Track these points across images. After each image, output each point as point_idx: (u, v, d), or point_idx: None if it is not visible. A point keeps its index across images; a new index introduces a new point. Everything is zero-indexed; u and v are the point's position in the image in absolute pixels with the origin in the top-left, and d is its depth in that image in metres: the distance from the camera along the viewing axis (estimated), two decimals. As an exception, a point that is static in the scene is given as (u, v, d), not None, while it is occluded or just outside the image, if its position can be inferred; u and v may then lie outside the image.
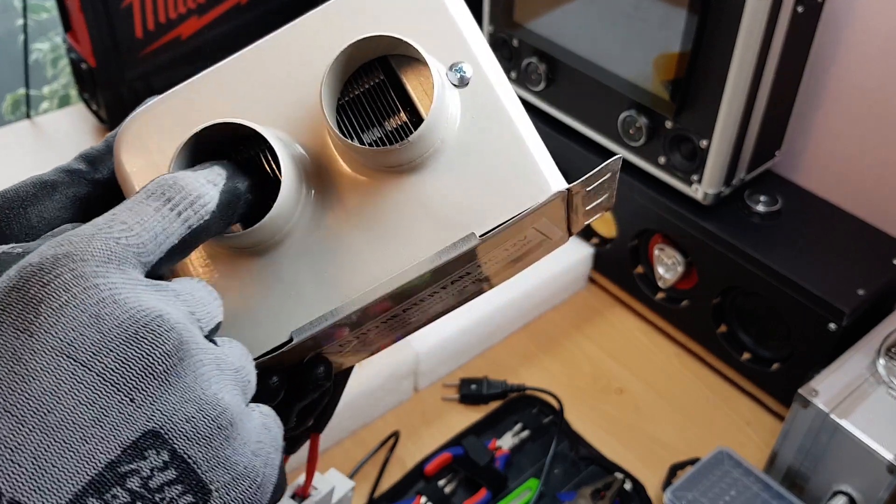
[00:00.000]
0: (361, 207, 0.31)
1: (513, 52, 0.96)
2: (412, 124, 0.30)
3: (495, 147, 0.30)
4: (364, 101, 0.30)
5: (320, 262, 0.31)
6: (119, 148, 0.32)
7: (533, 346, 0.94)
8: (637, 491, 0.79)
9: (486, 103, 0.30)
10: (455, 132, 0.30)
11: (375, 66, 0.31)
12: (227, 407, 0.24)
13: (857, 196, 0.88)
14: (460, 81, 0.30)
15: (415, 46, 0.29)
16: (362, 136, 0.30)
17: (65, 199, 0.31)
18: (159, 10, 1.13)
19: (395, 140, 0.30)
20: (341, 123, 0.30)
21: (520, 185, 0.30)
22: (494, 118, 0.30)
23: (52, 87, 1.62)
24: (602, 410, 0.87)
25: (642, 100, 0.83)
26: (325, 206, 0.31)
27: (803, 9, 0.74)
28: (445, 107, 0.30)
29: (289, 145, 0.30)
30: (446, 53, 0.31)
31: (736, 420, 0.86)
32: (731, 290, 0.85)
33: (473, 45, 0.31)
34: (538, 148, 0.31)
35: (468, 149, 0.30)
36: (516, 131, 0.30)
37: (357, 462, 0.80)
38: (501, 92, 0.31)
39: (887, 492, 0.67)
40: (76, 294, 0.22)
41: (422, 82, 0.30)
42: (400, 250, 0.31)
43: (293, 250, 0.31)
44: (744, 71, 0.74)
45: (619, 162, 0.33)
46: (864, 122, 0.86)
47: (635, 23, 0.80)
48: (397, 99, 0.30)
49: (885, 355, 0.73)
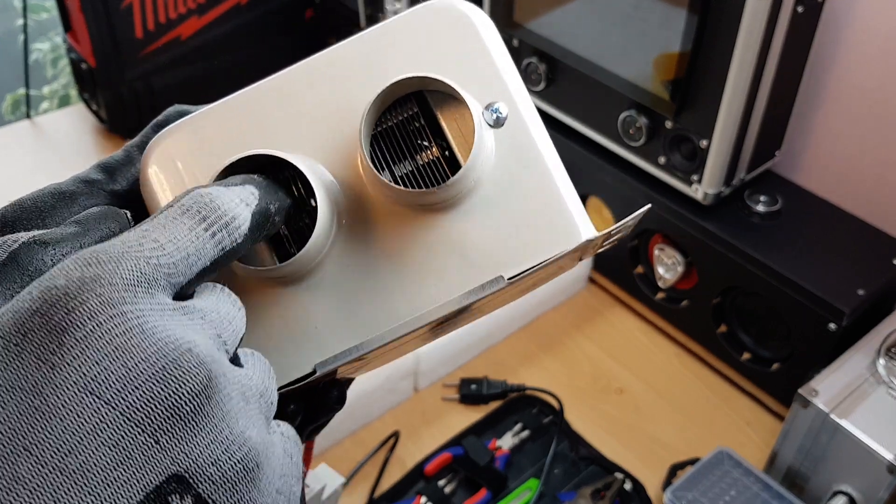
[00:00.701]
0: (391, 242, 0.31)
1: (513, 52, 0.96)
2: (444, 160, 0.30)
3: (528, 190, 0.30)
4: (397, 133, 0.30)
5: (347, 296, 0.31)
6: (147, 163, 0.31)
7: (533, 346, 0.94)
8: (637, 491, 0.79)
9: (521, 145, 0.30)
10: (489, 172, 0.30)
11: (410, 98, 0.30)
12: (254, 446, 0.23)
13: (857, 196, 0.88)
14: (496, 122, 0.30)
15: (456, 89, 0.29)
16: (393, 168, 0.30)
17: (81, 210, 0.30)
18: (159, 10, 1.13)
19: (425, 174, 0.30)
20: (373, 154, 0.30)
21: (551, 230, 0.30)
22: (528, 161, 0.30)
23: (52, 87, 1.62)
24: (602, 410, 0.87)
25: (642, 100, 0.83)
26: (355, 239, 0.31)
27: (803, 9, 0.74)
28: (483, 150, 0.29)
29: (322, 176, 0.30)
30: (483, 91, 0.30)
31: (736, 420, 0.86)
32: (731, 290, 0.85)
33: (510, 83, 0.31)
34: (570, 193, 0.31)
35: (501, 190, 0.30)
36: (549, 176, 0.30)
37: (357, 462, 0.80)
38: (536, 134, 0.31)
39: (887, 492, 0.67)
40: (102, 322, 0.21)
41: (456, 119, 0.30)
42: (428, 288, 0.31)
43: (320, 281, 0.31)
44: (744, 71, 0.74)
45: (647, 209, 0.34)
46: (865, 122, 0.86)
47: (635, 23, 0.80)
48: (431, 132, 0.30)
49: (885, 355, 0.73)
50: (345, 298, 0.31)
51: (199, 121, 0.31)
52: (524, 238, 0.30)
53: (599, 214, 0.96)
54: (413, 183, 0.30)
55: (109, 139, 1.21)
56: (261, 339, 0.31)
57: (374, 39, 0.31)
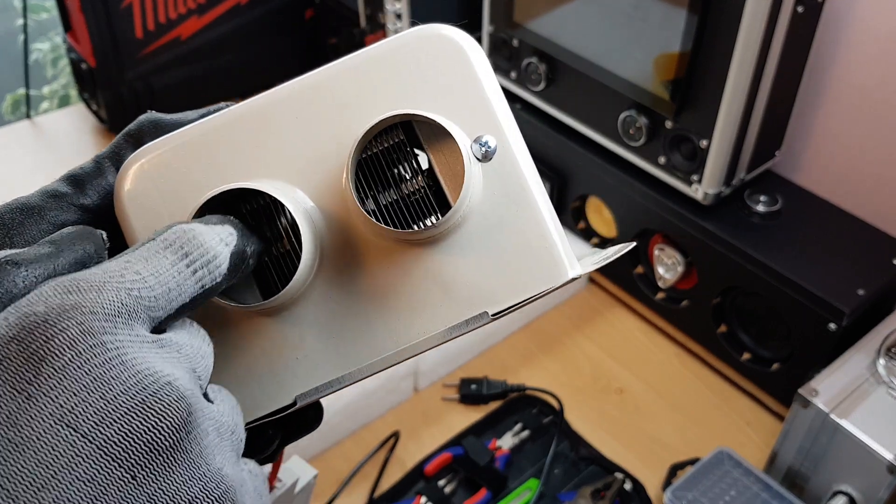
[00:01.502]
0: (375, 275, 0.30)
1: (513, 52, 0.96)
2: (430, 191, 0.29)
3: (514, 225, 0.30)
4: (382, 161, 0.29)
5: (330, 327, 0.31)
6: (122, 184, 0.30)
7: (533, 346, 0.94)
8: (637, 491, 0.79)
9: (509, 179, 0.30)
10: (475, 206, 0.30)
11: (396, 126, 0.30)
12: (230, 484, 0.23)
13: (857, 196, 0.88)
14: (484, 156, 0.29)
15: (444, 126, 0.28)
16: (378, 196, 0.29)
17: (52, 228, 0.29)
18: (159, 10, 1.13)
19: (411, 206, 0.29)
20: (357, 181, 0.29)
21: (537, 267, 0.30)
22: (516, 195, 0.30)
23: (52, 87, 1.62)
24: (602, 410, 0.87)
25: (642, 100, 0.83)
26: (338, 270, 0.30)
27: (803, 9, 0.74)
28: (471, 187, 0.29)
29: (303, 204, 0.30)
30: (472, 122, 0.30)
31: (736, 420, 0.86)
32: (731, 290, 0.85)
33: (500, 115, 0.30)
34: (556, 229, 0.30)
35: (487, 224, 0.30)
36: (537, 211, 0.30)
37: (357, 462, 0.80)
38: (524, 167, 0.30)
39: (887, 492, 0.67)
40: (81, 352, 0.20)
41: (443, 149, 0.29)
42: (412, 322, 0.30)
43: (303, 312, 0.31)
44: (744, 71, 0.74)
45: (633, 247, 0.34)
46: (865, 122, 0.86)
47: (635, 23, 0.80)
48: (417, 162, 0.30)
49: (885, 355, 0.73)
50: (327, 330, 0.30)
51: (177, 142, 0.30)
52: (510, 274, 0.30)
53: (599, 214, 0.96)
54: (398, 214, 0.29)
55: (109, 139, 1.21)
56: (241, 369, 0.30)
57: (362, 67, 0.30)
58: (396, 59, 0.30)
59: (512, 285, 0.30)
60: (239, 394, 0.30)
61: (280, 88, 0.30)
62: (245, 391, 0.30)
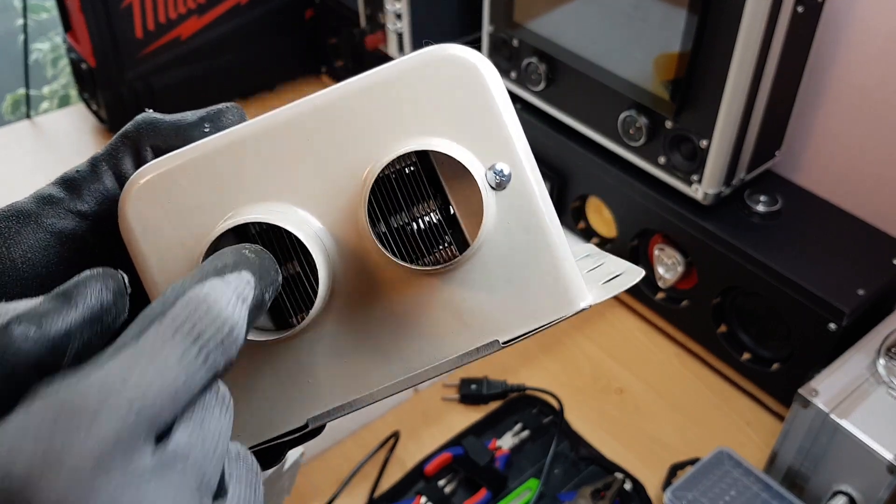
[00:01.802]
0: (388, 302, 0.30)
1: (513, 52, 0.96)
2: (444, 218, 0.29)
3: (527, 255, 0.30)
4: (394, 184, 0.29)
5: (342, 354, 0.31)
6: (126, 202, 0.29)
7: (533, 346, 0.94)
8: (637, 491, 0.79)
9: (523, 208, 0.29)
10: (489, 235, 0.29)
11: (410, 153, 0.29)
12: None
13: (857, 196, 0.88)
14: (499, 185, 0.29)
15: (465, 165, 0.28)
16: (389, 220, 0.29)
17: (48, 235, 0.28)
18: (159, 10, 1.13)
19: (424, 234, 0.29)
20: (369, 205, 0.29)
21: (548, 297, 0.30)
22: (529, 225, 0.30)
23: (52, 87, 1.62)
24: (602, 410, 0.87)
25: (642, 100, 0.83)
26: (351, 297, 0.30)
27: (803, 9, 0.74)
28: (488, 222, 0.29)
29: (316, 231, 0.29)
30: (487, 150, 0.29)
31: (736, 420, 0.86)
32: (731, 290, 0.85)
33: (516, 142, 0.29)
34: (567, 258, 0.30)
35: (500, 254, 0.30)
36: (550, 241, 0.30)
37: (357, 462, 0.80)
38: (539, 196, 0.30)
39: (887, 492, 0.67)
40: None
41: (457, 178, 0.29)
42: (423, 348, 0.30)
43: (315, 337, 0.30)
44: (744, 71, 0.74)
45: (641, 277, 0.34)
46: (865, 121, 0.86)
47: (635, 23, 0.80)
48: (430, 187, 0.29)
49: (885, 355, 0.73)
50: (340, 355, 0.31)
51: (184, 159, 0.30)
52: (522, 303, 0.30)
53: (599, 215, 0.96)
54: (412, 243, 0.29)
55: (109, 139, 1.21)
56: (253, 393, 0.30)
57: (375, 90, 0.29)
58: (410, 83, 0.29)
59: (524, 314, 0.30)
60: (250, 416, 0.30)
61: (290, 108, 0.30)
62: (257, 414, 0.30)
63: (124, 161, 0.30)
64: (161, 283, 0.30)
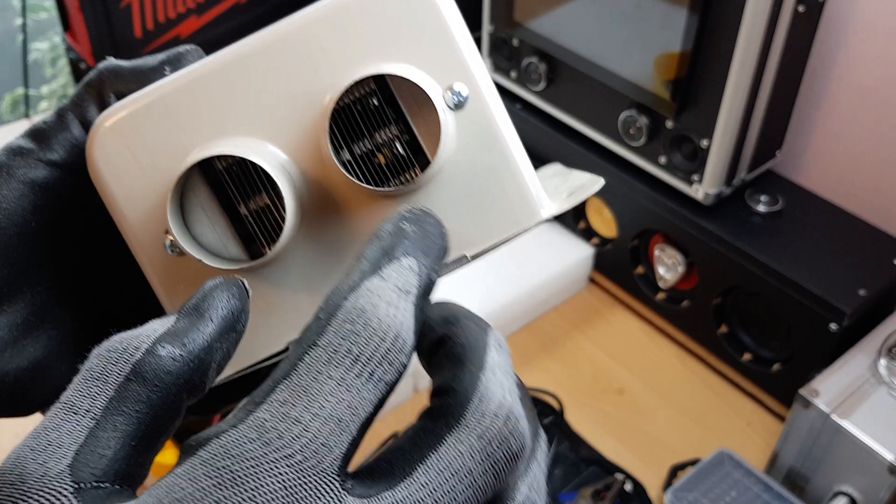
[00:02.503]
0: (355, 227, 0.31)
1: (513, 52, 0.96)
2: (401, 138, 0.30)
3: (488, 171, 0.30)
4: (354, 111, 0.30)
5: (315, 280, 0.31)
6: (92, 146, 0.30)
7: (533, 346, 0.93)
8: (638, 492, 0.78)
9: (482, 127, 0.30)
10: (450, 156, 0.30)
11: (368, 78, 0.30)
12: None
13: (858, 196, 0.88)
14: (457, 106, 0.30)
15: (421, 87, 0.29)
16: (352, 147, 0.30)
17: (21, 185, 0.29)
18: (158, 9, 1.12)
19: (386, 158, 0.30)
20: (331, 133, 0.29)
21: (512, 211, 0.31)
22: (489, 143, 0.30)
23: (51, 87, 1.62)
24: (602, 411, 0.87)
25: (643, 99, 0.83)
26: (319, 224, 0.31)
27: (804, 8, 0.74)
28: (447, 142, 0.29)
29: (281, 162, 0.30)
30: (443, 72, 0.30)
31: (737, 421, 0.86)
32: (732, 291, 0.85)
33: (472, 64, 0.30)
34: (529, 172, 0.31)
35: (461, 172, 0.30)
36: (510, 156, 0.30)
37: (357, 463, 0.80)
38: (496, 114, 0.30)
39: (888, 492, 0.67)
40: None
41: (416, 100, 0.30)
42: None
43: (289, 265, 0.31)
44: (744, 70, 0.74)
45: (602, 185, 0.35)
46: (866, 121, 0.86)
47: (636, 22, 0.80)
48: (390, 111, 0.30)
49: (886, 356, 0.73)
50: (313, 281, 0.31)
51: (147, 100, 0.30)
52: (486, 219, 0.31)
53: (599, 214, 0.96)
54: (375, 168, 0.30)
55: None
56: None
57: (331, 16, 0.30)
58: (363, 8, 0.30)
59: (488, 229, 0.31)
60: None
61: (247, 41, 0.30)
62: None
63: (90, 109, 0.31)
64: (134, 224, 0.30)
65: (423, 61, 0.30)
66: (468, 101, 0.30)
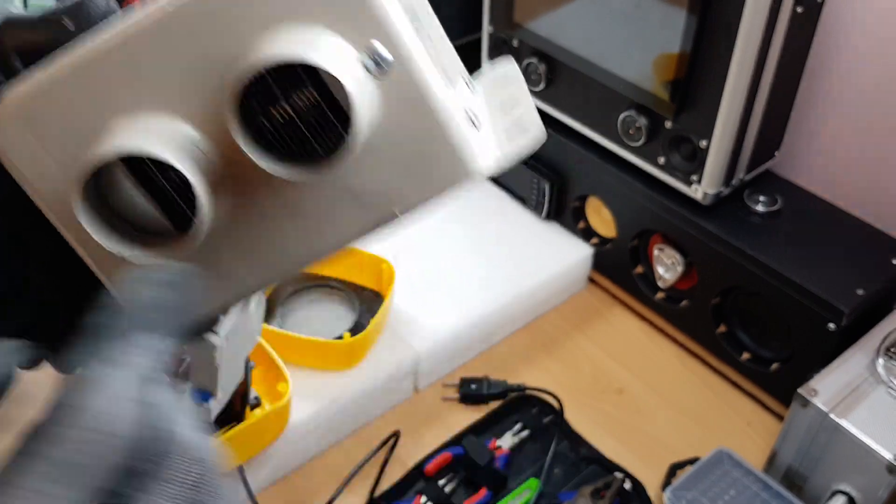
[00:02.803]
0: (282, 195, 0.30)
1: (513, 52, 0.96)
2: (320, 96, 0.28)
3: (416, 131, 0.29)
4: (269, 79, 0.28)
5: (248, 249, 0.32)
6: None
7: (533, 346, 0.94)
8: (637, 490, 0.79)
9: (407, 88, 0.29)
10: (377, 120, 0.29)
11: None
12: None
13: (856, 196, 0.88)
14: (379, 71, 0.28)
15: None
16: (271, 113, 0.28)
17: None
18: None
19: (306, 122, 0.28)
20: (246, 102, 0.27)
21: (442, 171, 0.30)
22: (416, 106, 0.29)
23: (53, 88, 1.62)
24: (602, 410, 0.87)
25: (642, 100, 0.83)
26: (245, 197, 0.30)
27: (803, 9, 0.74)
28: (364, 114, 0.28)
29: (194, 140, 0.29)
30: (360, 32, 0.28)
31: (735, 420, 0.86)
32: (731, 290, 0.85)
33: (392, 24, 0.28)
34: (459, 129, 0.30)
35: (389, 132, 0.29)
36: (437, 114, 0.29)
37: (357, 461, 0.80)
38: (423, 77, 0.29)
39: (886, 491, 0.67)
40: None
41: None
42: (325, 234, 0.31)
43: (218, 242, 0.31)
44: (743, 71, 0.74)
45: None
46: (864, 122, 0.86)
47: (635, 23, 0.80)
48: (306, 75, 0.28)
49: (885, 355, 0.73)
50: (247, 252, 0.32)
51: (47, 81, 0.29)
52: (416, 178, 0.30)
53: (599, 214, 0.96)
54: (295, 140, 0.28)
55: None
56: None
57: None
58: None
59: (418, 188, 0.30)
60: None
61: (148, 14, 0.28)
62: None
63: None
64: (52, 202, 0.30)
65: (337, 22, 0.27)
66: (393, 65, 0.28)
